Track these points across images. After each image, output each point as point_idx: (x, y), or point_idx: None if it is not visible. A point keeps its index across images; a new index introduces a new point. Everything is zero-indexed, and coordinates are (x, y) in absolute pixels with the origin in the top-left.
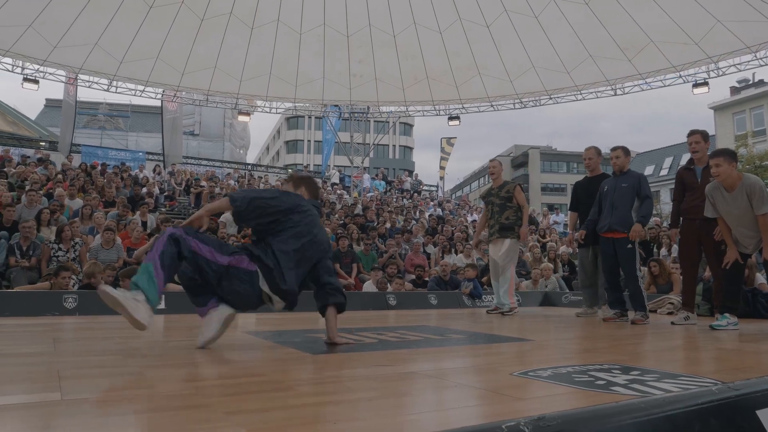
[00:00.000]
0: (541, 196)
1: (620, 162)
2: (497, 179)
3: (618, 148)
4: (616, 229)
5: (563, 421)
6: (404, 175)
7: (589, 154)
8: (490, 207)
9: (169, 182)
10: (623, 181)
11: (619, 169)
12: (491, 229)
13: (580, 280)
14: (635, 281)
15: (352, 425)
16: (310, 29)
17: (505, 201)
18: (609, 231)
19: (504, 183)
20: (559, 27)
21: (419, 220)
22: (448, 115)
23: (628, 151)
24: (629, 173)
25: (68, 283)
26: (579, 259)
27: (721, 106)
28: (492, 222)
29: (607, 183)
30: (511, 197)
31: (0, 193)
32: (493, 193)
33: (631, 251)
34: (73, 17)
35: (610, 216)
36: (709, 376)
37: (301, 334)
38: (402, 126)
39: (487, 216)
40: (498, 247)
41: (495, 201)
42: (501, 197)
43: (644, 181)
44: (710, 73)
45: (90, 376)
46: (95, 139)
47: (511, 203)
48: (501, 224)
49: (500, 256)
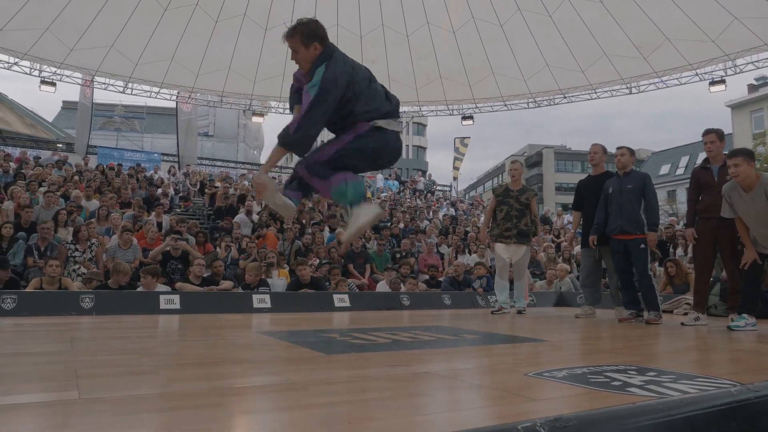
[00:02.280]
0: (555, 196)
1: (624, 160)
2: (517, 182)
3: (623, 147)
4: (628, 230)
5: (580, 422)
6: (417, 175)
7: (595, 149)
8: (505, 208)
9: (184, 183)
10: (628, 182)
11: (622, 167)
12: (507, 231)
13: (581, 278)
14: (648, 280)
15: (366, 425)
16: None
17: (524, 207)
18: (621, 233)
19: (524, 188)
20: (574, 25)
21: (433, 221)
22: (462, 114)
23: (633, 152)
24: (633, 173)
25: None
26: (582, 258)
27: (739, 104)
28: (509, 225)
29: (612, 184)
30: (529, 204)
31: (18, 195)
32: (512, 196)
33: (644, 251)
34: (89, 20)
35: (620, 218)
36: (728, 378)
37: (315, 334)
38: (415, 126)
39: (498, 214)
40: (514, 251)
41: (514, 205)
42: (521, 202)
43: (648, 182)
44: (727, 71)
45: (107, 375)
46: (111, 141)
47: (528, 210)
48: (519, 230)
49: (517, 262)
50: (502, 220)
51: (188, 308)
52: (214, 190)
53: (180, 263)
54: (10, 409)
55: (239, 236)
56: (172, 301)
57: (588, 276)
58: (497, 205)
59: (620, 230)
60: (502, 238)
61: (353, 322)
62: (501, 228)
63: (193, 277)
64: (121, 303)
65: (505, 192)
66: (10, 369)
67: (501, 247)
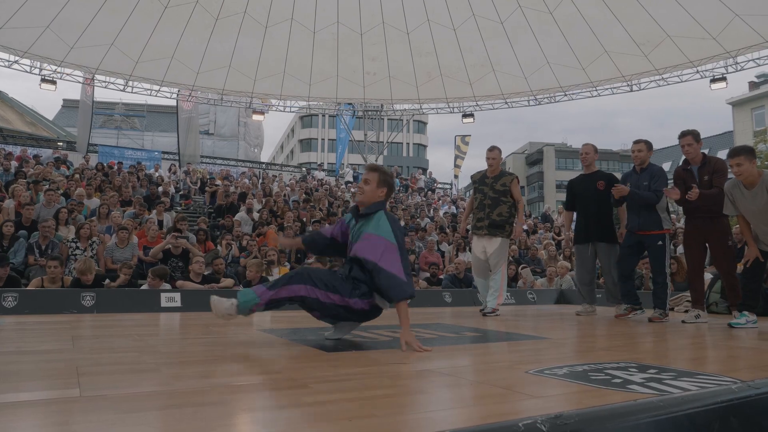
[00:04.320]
0: (555, 194)
1: (642, 156)
2: (495, 169)
3: (641, 141)
4: (645, 227)
5: (581, 419)
6: (418, 173)
7: (586, 149)
8: (479, 197)
9: (185, 181)
10: (644, 179)
11: (640, 163)
12: (479, 222)
13: (579, 276)
14: (664, 278)
15: (367, 422)
16: (323, 27)
17: (499, 195)
18: (639, 230)
19: (501, 174)
20: (574, 22)
21: (433, 218)
22: (462, 112)
23: (651, 146)
24: (649, 168)
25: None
26: (577, 256)
27: (740, 101)
28: (481, 215)
29: (629, 179)
30: (507, 191)
31: (19, 193)
32: (487, 183)
33: (662, 248)
34: (89, 18)
35: (639, 217)
36: (728, 375)
37: (316, 332)
38: (416, 124)
39: (474, 204)
40: (487, 243)
41: (488, 193)
42: (496, 190)
43: (660, 174)
44: (728, 68)
45: (108, 373)
46: (112, 139)
47: (506, 198)
48: (492, 221)
49: (490, 256)
50: (476, 209)
51: (189, 306)
52: (215, 188)
53: (180, 261)
54: (12, 407)
55: (240, 234)
56: (173, 299)
57: (587, 273)
58: (474, 193)
59: (639, 227)
60: (474, 229)
61: None
62: (474, 218)
63: (193, 275)
64: (122, 301)
65: (481, 179)
66: (12, 367)
67: (474, 240)
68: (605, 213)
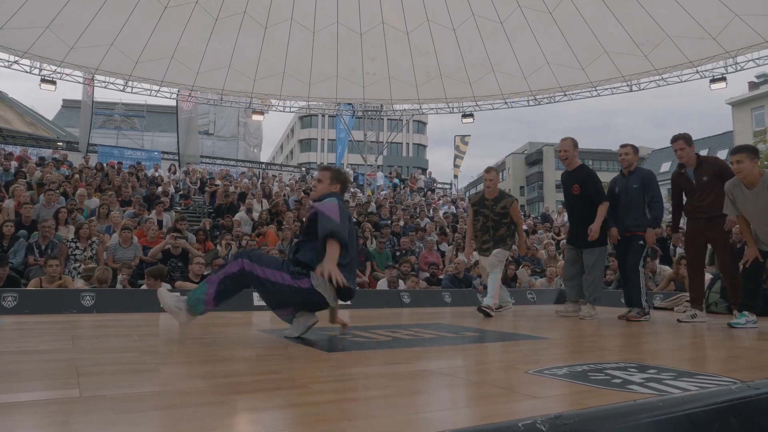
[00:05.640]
0: (555, 194)
1: (629, 159)
2: (493, 191)
3: (627, 145)
4: (631, 229)
5: (580, 419)
6: (418, 173)
7: (565, 146)
8: (481, 219)
9: (184, 181)
10: (633, 181)
11: (627, 165)
12: (484, 244)
13: (565, 272)
14: (636, 276)
15: (366, 423)
16: (323, 27)
17: (500, 218)
18: (627, 232)
19: (500, 196)
20: (574, 22)
21: (433, 218)
22: (462, 112)
23: (637, 149)
24: (637, 171)
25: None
26: (566, 253)
27: (740, 101)
28: (486, 238)
29: (617, 184)
30: (506, 213)
31: (18, 193)
32: (487, 206)
33: (640, 248)
34: (89, 18)
35: (626, 219)
36: (728, 375)
37: (315, 332)
38: (415, 124)
39: (476, 225)
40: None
41: (489, 215)
42: (496, 213)
43: (651, 179)
44: (728, 68)
45: (108, 373)
46: (111, 139)
47: (506, 219)
48: (496, 240)
49: (492, 256)
50: (479, 231)
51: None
52: (215, 188)
53: (180, 261)
54: (12, 407)
55: (239, 234)
56: None
57: (571, 267)
58: (474, 215)
59: (625, 229)
60: (481, 251)
61: (353, 320)
62: (479, 241)
63: (193, 276)
64: (122, 301)
65: (480, 201)
66: (12, 367)
67: (482, 259)
68: (585, 219)
